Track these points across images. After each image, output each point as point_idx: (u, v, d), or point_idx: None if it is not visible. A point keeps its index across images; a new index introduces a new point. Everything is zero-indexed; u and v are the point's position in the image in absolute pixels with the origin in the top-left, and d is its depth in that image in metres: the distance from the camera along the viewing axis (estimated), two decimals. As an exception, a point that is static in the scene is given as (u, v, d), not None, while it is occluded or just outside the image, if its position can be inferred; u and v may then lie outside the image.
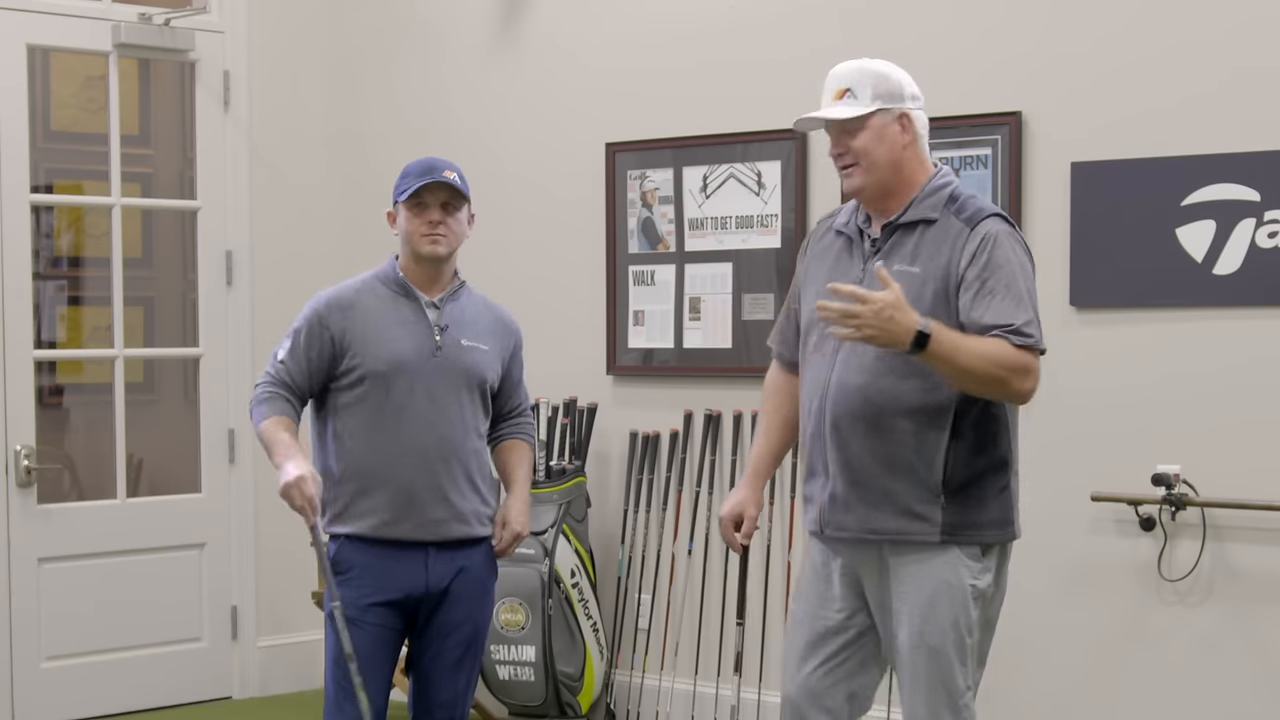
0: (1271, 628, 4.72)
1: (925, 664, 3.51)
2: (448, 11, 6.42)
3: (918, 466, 3.48)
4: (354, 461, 4.01)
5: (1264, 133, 4.67)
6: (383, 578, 3.99)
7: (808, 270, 3.73)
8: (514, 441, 4.25)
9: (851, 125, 3.52)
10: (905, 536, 3.50)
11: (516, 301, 5.74)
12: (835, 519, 3.57)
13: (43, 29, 6.02)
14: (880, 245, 3.56)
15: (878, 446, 3.49)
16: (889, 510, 3.50)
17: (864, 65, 3.58)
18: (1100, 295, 4.94)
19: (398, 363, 4.00)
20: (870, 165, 3.53)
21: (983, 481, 3.52)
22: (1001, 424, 3.54)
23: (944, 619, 3.50)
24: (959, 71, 5.18)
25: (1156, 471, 4.78)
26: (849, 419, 3.51)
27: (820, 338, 3.58)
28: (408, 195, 4.01)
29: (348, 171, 6.62)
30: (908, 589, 3.52)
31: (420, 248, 4.03)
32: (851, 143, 3.53)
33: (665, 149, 5.84)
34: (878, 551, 3.56)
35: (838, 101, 3.55)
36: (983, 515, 3.52)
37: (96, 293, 7.26)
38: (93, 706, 6.09)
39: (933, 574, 3.50)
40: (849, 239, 3.64)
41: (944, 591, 3.49)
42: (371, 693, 3.95)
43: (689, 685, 5.70)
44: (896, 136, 3.54)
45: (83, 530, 6.10)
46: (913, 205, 3.55)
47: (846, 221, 3.67)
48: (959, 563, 3.50)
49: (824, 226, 3.76)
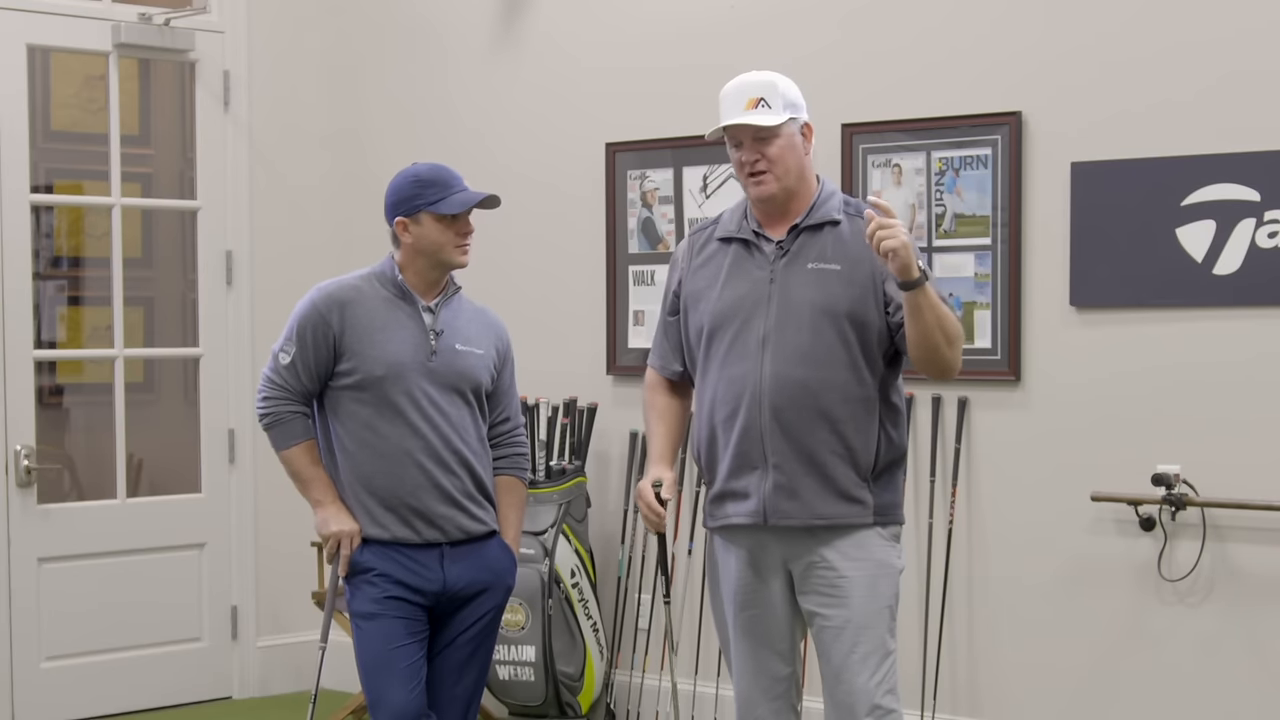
0: (1271, 628, 4.72)
1: (867, 643, 3.65)
2: (448, 11, 6.42)
3: (858, 452, 3.65)
4: (359, 468, 4.04)
5: (1264, 133, 4.67)
6: (402, 576, 4.02)
7: (693, 279, 3.80)
8: (507, 480, 4.25)
9: (766, 133, 3.64)
10: (846, 520, 3.65)
11: (516, 301, 5.77)
12: (781, 508, 3.65)
13: (43, 29, 6.02)
14: (787, 247, 3.69)
15: (824, 434, 3.62)
16: (832, 496, 3.64)
17: (770, 77, 3.71)
18: (1100, 295, 4.94)
19: (394, 367, 4.00)
20: (783, 172, 3.66)
21: (893, 467, 3.73)
22: (903, 416, 3.76)
23: (881, 599, 3.68)
24: (959, 71, 5.18)
25: (1156, 471, 4.78)
26: (793, 409, 3.62)
27: (736, 337, 3.68)
28: (449, 209, 4.01)
29: (348, 171, 6.62)
30: (849, 571, 3.66)
31: (453, 259, 4.06)
32: (766, 150, 3.65)
33: (665, 149, 5.84)
34: (813, 537, 3.67)
35: (751, 110, 3.65)
36: (896, 496, 3.75)
37: (96, 293, 7.26)
38: (93, 706, 6.09)
39: (870, 556, 3.68)
40: (745, 243, 3.74)
41: (881, 572, 3.68)
42: (406, 686, 3.98)
43: (689, 685, 5.70)
44: (801, 145, 3.70)
45: (83, 530, 6.10)
46: (815, 208, 3.71)
47: (737, 228, 3.77)
48: (888, 544, 3.71)
49: (702, 238, 3.85)
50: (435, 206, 4.01)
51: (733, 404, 3.68)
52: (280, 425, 4.07)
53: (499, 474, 4.22)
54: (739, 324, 3.67)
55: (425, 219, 4.03)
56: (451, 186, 4.03)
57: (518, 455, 4.28)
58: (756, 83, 3.69)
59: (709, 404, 3.74)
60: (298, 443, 4.07)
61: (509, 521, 4.22)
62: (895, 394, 3.73)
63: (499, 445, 4.22)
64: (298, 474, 4.09)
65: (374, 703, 4.02)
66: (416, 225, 4.04)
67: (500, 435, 4.23)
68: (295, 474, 4.10)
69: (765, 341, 3.64)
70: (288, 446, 4.07)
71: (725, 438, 3.72)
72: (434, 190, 4.02)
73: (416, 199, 4.03)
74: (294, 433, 4.07)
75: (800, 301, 3.64)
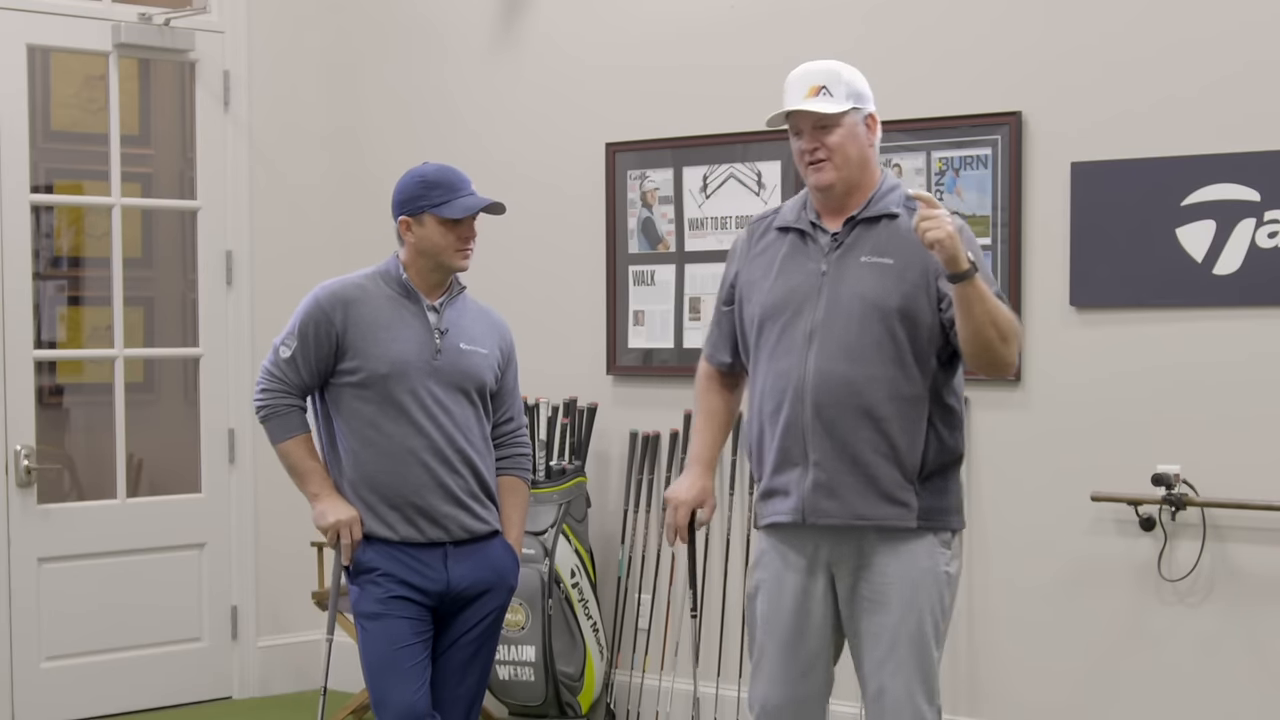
0: (1271, 628, 4.72)
1: (907, 649, 3.57)
2: (448, 11, 6.42)
3: (903, 453, 3.55)
4: (362, 467, 4.04)
5: (1264, 133, 4.67)
6: (406, 576, 4.02)
7: (749, 268, 3.75)
8: (510, 480, 4.25)
9: (827, 121, 3.59)
10: (889, 522, 3.56)
11: (517, 301, 5.77)
12: (820, 506, 3.58)
13: (43, 29, 6.02)
14: (842, 239, 3.63)
15: (867, 433, 3.54)
16: (874, 496, 3.56)
17: (834, 66, 3.66)
18: (1100, 295, 4.94)
19: (399, 365, 4.01)
20: (843, 161, 3.60)
21: (946, 471, 3.64)
22: (959, 418, 3.67)
23: (925, 605, 3.58)
24: (959, 71, 5.18)
25: (1156, 471, 4.78)
26: (836, 406, 3.55)
27: (784, 330, 3.62)
28: (452, 214, 4.01)
29: (348, 171, 6.62)
30: (892, 577, 3.58)
31: (454, 262, 4.06)
32: (827, 139, 3.60)
33: (665, 149, 5.84)
34: (858, 539, 3.60)
35: (813, 97, 3.60)
36: (947, 501, 3.64)
37: (96, 293, 7.26)
38: (93, 706, 6.09)
39: (915, 561, 3.58)
40: (801, 234, 3.69)
41: (925, 578, 3.58)
42: (411, 686, 3.97)
43: (689, 685, 5.70)
44: (864, 135, 3.64)
45: (83, 530, 6.10)
46: (873, 201, 3.64)
47: (795, 218, 3.71)
48: (934, 549, 3.61)
49: (761, 227, 3.80)
50: (439, 209, 4.02)
51: (778, 398, 3.62)
52: (277, 418, 4.07)
53: (502, 474, 4.22)
54: (788, 316, 3.61)
55: (428, 220, 4.04)
56: (457, 190, 4.04)
57: (520, 455, 4.28)
58: (819, 70, 3.63)
59: (759, 397, 3.68)
60: (294, 436, 4.07)
61: (512, 522, 4.21)
62: (950, 394, 3.63)
63: (502, 445, 4.22)
64: (294, 467, 4.09)
65: (378, 703, 4.02)
66: (420, 226, 4.04)
67: (503, 435, 4.23)
68: (291, 467, 4.10)
69: (812, 335, 3.58)
70: (285, 439, 4.08)
71: (770, 432, 3.65)
72: (439, 193, 4.03)
73: (421, 200, 4.04)
74: (291, 425, 4.07)
75: (850, 295, 3.57)
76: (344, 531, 4.02)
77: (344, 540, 4.03)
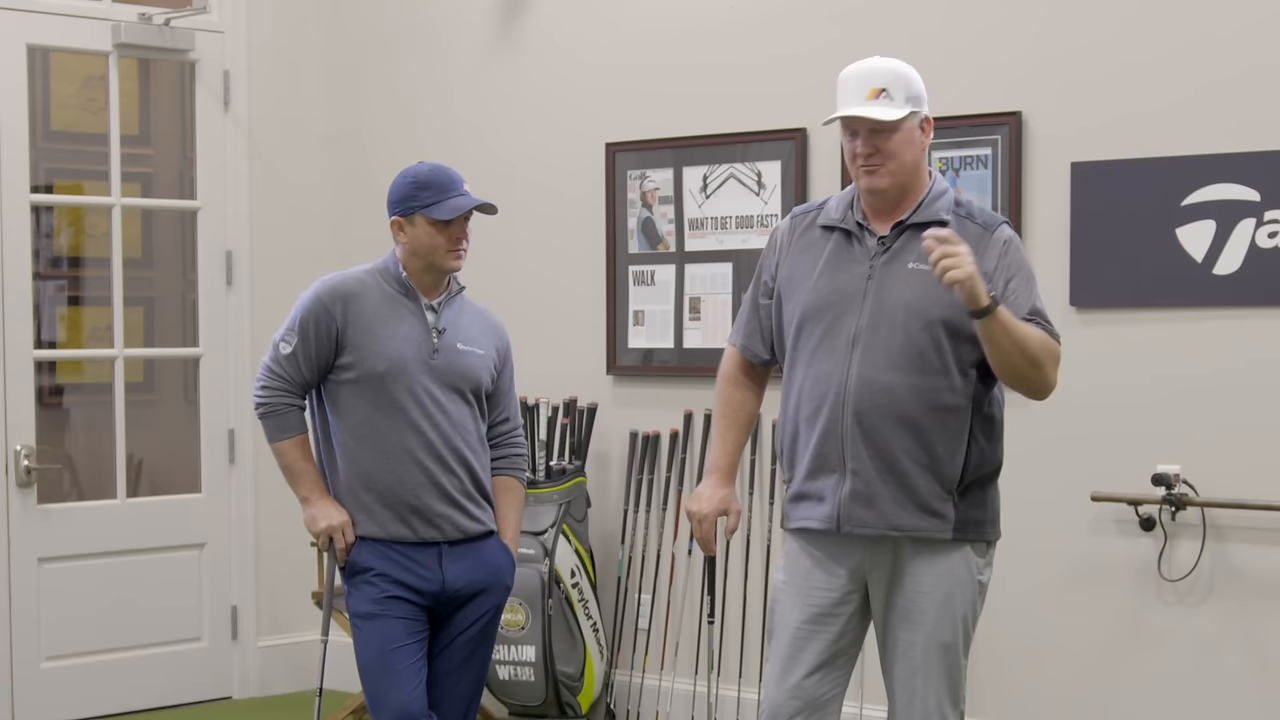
0: (1271, 628, 4.72)
1: (939, 659, 3.55)
2: (448, 10, 6.42)
3: (943, 463, 3.51)
4: (357, 464, 4.04)
5: (1264, 133, 4.67)
6: (401, 576, 4.02)
7: (791, 264, 3.67)
8: (506, 480, 4.24)
9: (886, 126, 3.49)
10: (924, 533, 3.52)
11: (517, 301, 5.77)
12: (856, 515, 3.53)
13: (43, 29, 6.02)
14: (889, 244, 3.56)
15: (908, 443, 3.49)
16: (911, 507, 3.51)
17: (895, 66, 3.55)
18: (1100, 295, 4.94)
19: (396, 363, 4.01)
20: (898, 167, 3.52)
21: (985, 481, 3.60)
22: (1000, 427, 3.62)
23: (957, 615, 3.55)
24: (959, 71, 5.18)
25: (1156, 471, 4.78)
26: (877, 415, 3.49)
27: (826, 333, 3.55)
28: (441, 215, 4.00)
29: (348, 171, 6.62)
30: (926, 587, 3.54)
31: (446, 263, 4.05)
32: (884, 144, 3.50)
33: (665, 149, 5.83)
34: (893, 549, 3.56)
35: (872, 100, 3.50)
36: (985, 513, 3.60)
37: (96, 293, 7.26)
38: (93, 706, 6.09)
39: (949, 572, 3.55)
40: (847, 234, 3.61)
41: (958, 589, 3.55)
42: (407, 686, 3.97)
43: (689, 685, 5.70)
44: (920, 140, 3.56)
45: (83, 530, 6.10)
46: (921, 207, 3.56)
47: (841, 217, 3.62)
48: (969, 559, 3.57)
49: (804, 221, 3.70)
50: (429, 210, 4.01)
51: (816, 403, 3.55)
52: (276, 416, 4.07)
53: (497, 474, 4.22)
54: (831, 319, 3.53)
55: (419, 221, 4.03)
56: (448, 191, 4.02)
57: (516, 456, 4.27)
58: (881, 71, 3.52)
59: (795, 399, 3.60)
60: (291, 436, 4.07)
61: (508, 522, 4.21)
62: (991, 404, 3.58)
63: (498, 446, 4.22)
64: (289, 467, 4.09)
65: (374, 703, 4.02)
66: (411, 226, 4.04)
67: (499, 436, 4.23)
68: (286, 467, 4.09)
69: (855, 341, 3.51)
70: (281, 439, 4.07)
71: (807, 437, 3.58)
72: (429, 193, 4.01)
73: (412, 200, 4.03)
74: (289, 425, 4.07)
75: (895, 302, 3.49)
76: (337, 536, 4.02)
77: (337, 544, 4.03)
